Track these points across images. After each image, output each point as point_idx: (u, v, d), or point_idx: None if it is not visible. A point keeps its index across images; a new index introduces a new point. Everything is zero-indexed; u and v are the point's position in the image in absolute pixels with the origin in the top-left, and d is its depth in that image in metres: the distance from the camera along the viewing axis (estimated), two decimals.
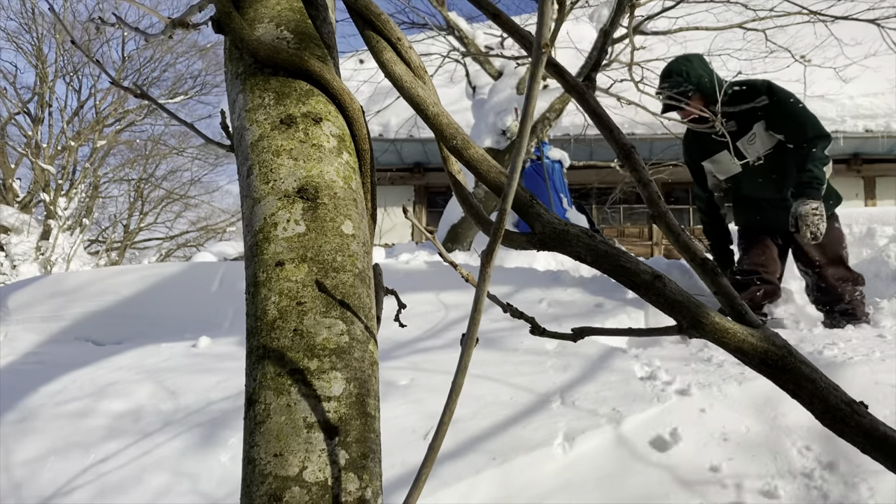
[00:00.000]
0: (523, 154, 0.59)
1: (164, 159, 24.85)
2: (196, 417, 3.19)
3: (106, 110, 23.13)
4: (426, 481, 0.61)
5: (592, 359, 3.05)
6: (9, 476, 3.05)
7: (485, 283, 0.62)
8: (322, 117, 0.94)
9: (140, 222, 24.46)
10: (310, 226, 0.86)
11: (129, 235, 23.60)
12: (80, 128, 22.62)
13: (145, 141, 24.26)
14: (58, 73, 22.63)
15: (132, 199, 24.29)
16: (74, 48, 21.52)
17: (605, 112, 0.83)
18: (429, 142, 10.85)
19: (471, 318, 0.62)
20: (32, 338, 4.49)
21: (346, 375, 0.79)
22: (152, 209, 25.00)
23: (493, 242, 0.61)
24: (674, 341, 3.57)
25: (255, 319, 0.83)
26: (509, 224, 1.43)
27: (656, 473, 2.51)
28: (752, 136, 3.90)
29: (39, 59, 22.33)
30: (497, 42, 8.96)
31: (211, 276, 4.96)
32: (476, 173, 0.85)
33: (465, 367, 0.62)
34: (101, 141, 22.09)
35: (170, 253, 23.89)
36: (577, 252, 0.76)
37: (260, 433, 0.76)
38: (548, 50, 0.59)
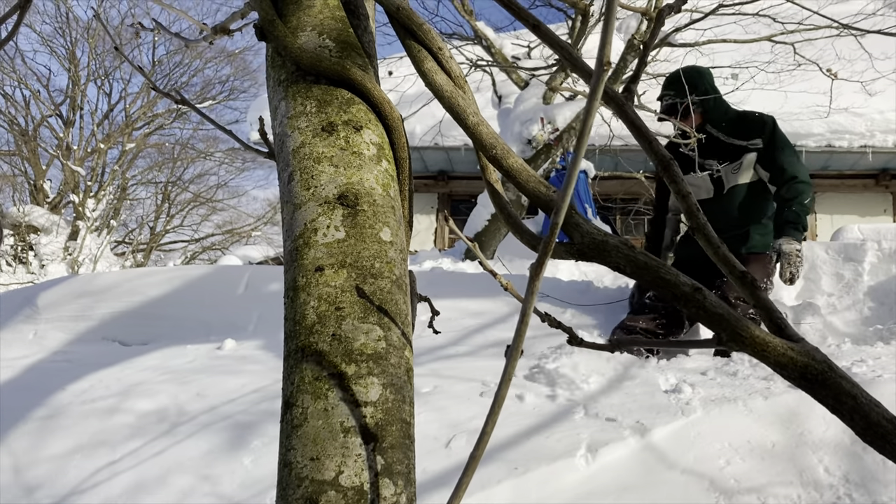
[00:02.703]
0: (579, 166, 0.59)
1: (191, 163, 25.11)
2: (220, 419, 3.21)
3: (135, 114, 23.43)
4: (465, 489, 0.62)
5: (617, 370, 3.03)
6: (37, 472, 3.09)
7: (532, 296, 0.62)
8: (363, 125, 0.95)
9: (166, 225, 24.72)
10: (349, 232, 0.87)
11: (155, 237, 23.85)
12: (110, 130, 22.92)
13: (173, 144, 24.54)
14: (90, 76, 22.97)
15: (159, 202, 24.57)
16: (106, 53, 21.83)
17: (643, 123, 0.83)
18: (453, 150, 10.87)
19: (517, 329, 0.62)
20: (61, 336, 4.55)
21: (382, 381, 0.80)
22: (179, 212, 25.26)
23: (543, 255, 0.61)
24: (700, 353, 3.54)
25: (294, 323, 0.84)
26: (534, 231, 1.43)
27: (680, 487, 2.49)
28: (737, 166, 3.81)
29: (72, 62, 22.68)
30: (524, 52, 8.97)
31: (237, 279, 5.00)
32: (515, 183, 0.86)
33: (510, 378, 0.62)
34: (130, 144, 22.37)
35: (195, 256, 24.11)
36: (617, 263, 0.76)
37: (297, 437, 0.77)
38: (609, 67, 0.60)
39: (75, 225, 18.28)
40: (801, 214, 3.56)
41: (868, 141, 10.43)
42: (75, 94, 22.60)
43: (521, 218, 5.60)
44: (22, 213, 17.36)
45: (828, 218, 11.13)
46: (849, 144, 10.27)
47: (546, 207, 0.84)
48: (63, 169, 20.94)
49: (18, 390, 3.89)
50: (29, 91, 22.46)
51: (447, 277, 5.25)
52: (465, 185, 11.82)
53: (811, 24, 7.55)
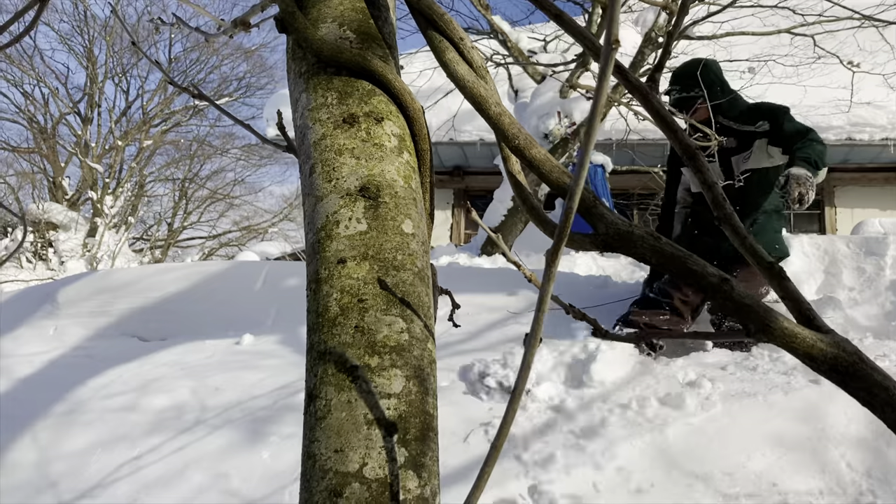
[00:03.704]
0: (590, 152, 0.59)
1: (208, 159, 25.22)
2: (238, 414, 3.23)
3: (153, 111, 23.57)
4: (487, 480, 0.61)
5: (636, 364, 3.02)
6: (58, 466, 3.12)
7: (549, 283, 0.61)
8: (384, 117, 0.95)
9: (184, 221, 24.85)
10: (371, 224, 0.86)
11: (172, 234, 23.99)
12: (128, 128, 23.08)
13: (190, 141, 24.66)
14: (107, 74, 23.13)
15: (176, 199, 24.70)
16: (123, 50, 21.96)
17: (668, 113, 0.82)
18: (468, 145, 10.84)
19: (535, 317, 0.62)
20: (81, 332, 4.58)
21: (405, 373, 0.80)
22: (196, 208, 25.39)
23: (558, 242, 0.61)
24: (721, 348, 3.52)
25: (317, 315, 0.84)
26: None
27: (699, 482, 2.47)
28: (748, 154, 3.72)
29: (90, 60, 22.84)
30: (540, 46, 8.93)
31: (254, 275, 5.02)
32: (538, 173, 0.85)
33: (529, 367, 0.62)
34: (147, 141, 22.51)
35: (212, 252, 24.23)
36: (643, 253, 0.76)
37: (320, 429, 0.77)
38: (618, 46, 0.59)
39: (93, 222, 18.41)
40: (812, 154, 3.41)
41: (889, 133, 10.30)
42: (93, 91, 22.76)
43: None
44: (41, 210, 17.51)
45: (848, 212, 11.01)
46: (870, 137, 10.14)
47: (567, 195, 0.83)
48: (81, 166, 21.11)
49: (39, 385, 3.92)
50: (48, 89, 22.68)
51: (464, 272, 5.24)
52: (480, 181, 11.79)
53: (832, 15, 7.45)
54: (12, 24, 1.22)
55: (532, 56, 8.25)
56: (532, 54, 8.38)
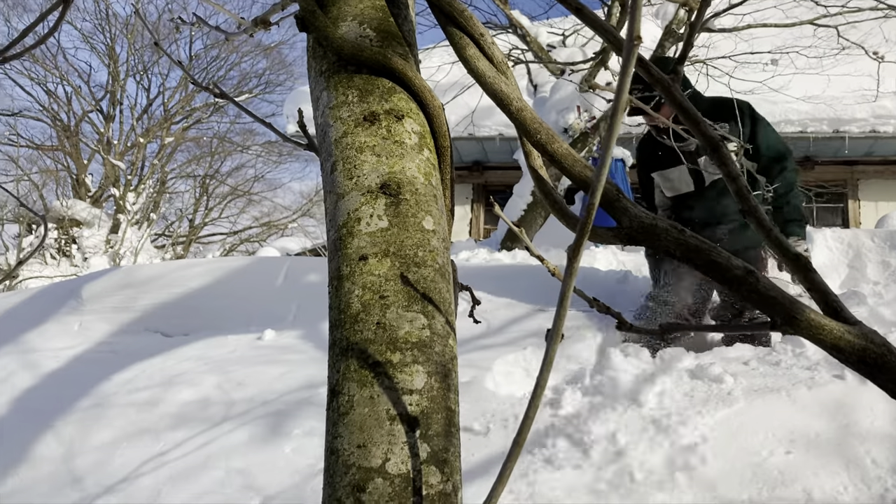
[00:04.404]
0: (613, 145, 0.59)
1: (228, 156, 25.41)
2: (261, 409, 3.25)
3: (174, 108, 23.77)
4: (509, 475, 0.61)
5: (663, 358, 3.00)
6: (84, 460, 3.16)
7: (571, 278, 0.61)
8: (404, 114, 0.95)
9: (205, 217, 25.06)
10: (392, 221, 0.87)
11: (194, 230, 24.20)
12: (149, 125, 23.30)
13: (211, 138, 24.84)
14: (129, 71, 23.35)
15: (198, 195, 24.90)
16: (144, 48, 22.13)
17: (691, 105, 0.82)
18: (487, 140, 10.83)
19: (557, 312, 0.62)
20: (105, 328, 4.63)
21: (427, 369, 0.80)
22: (217, 205, 25.59)
23: (580, 237, 0.61)
24: (743, 342, 3.49)
25: (339, 312, 0.85)
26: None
27: (722, 477, 2.46)
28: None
29: (112, 58, 23.07)
30: (559, 40, 8.90)
31: (276, 270, 5.05)
32: (560, 168, 0.85)
33: (551, 362, 0.62)
34: (168, 138, 22.70)
35: (233, 248, 24.40)
36: (667, 246, 0.75)
37: (343, 424, 0.78)
38: (639, 43, 0.59)
39: (116, 218, 18.62)
40: (799, 207, 3.39)
41: None
42: (115, 89, 22.99)
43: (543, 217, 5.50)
44: (65, 206, 17.73)
45: (872, 205, 10.87)
46: (894, 129, 10.00)
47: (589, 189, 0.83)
48: (104, 163, 21.34)
49: (65, 380, 3.98)
50: (71, 87, 22.94)
51: (483, 268, 5.24)
52: (499, 176, 11.77)
53: (856, 6, 7.35)
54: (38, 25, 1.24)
55: (551, 51, 8.21)
56: (551, 49, 8.35)
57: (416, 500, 0.72)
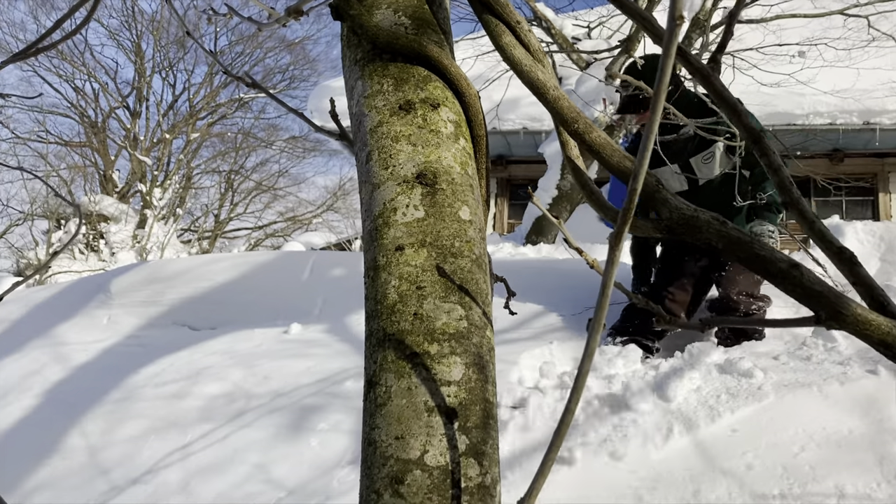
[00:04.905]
0: (654, 134, 0.57)
1: (253, 151, 25.54)
2: (287, 402, 3.26)
3: (199, 104, 23.95)
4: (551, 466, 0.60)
5: (690, 353, 2.97)
6: (112, 452, 3.19)
7: (613, 268, 0.60)
8: (440, 103, 0.94)
9: (230, 212, 25.24)
10: (428, 211, 0.86)
11: (219, 225, 24.39)
12: (175, 121, 23.49)
13: (236, 134, 24.99)
14: (154, 68, 23.55)
15: (223, 190, 25.08)
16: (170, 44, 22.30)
17: (731, 95, 0.80)
18: (511, 134, 10.77)
19: (598, 303, 0.61)
20: (133, 321, 4.68)
21: (465, 360, 0.79)
22: (242, 200, 25.76)
23: (621, 226, 0.60)
24: (774, 337, 3.45)
25: (375, 303, 0.84)
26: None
27: (752, 473, 2.43)
28: (708, 155, 3.53)
29: (138, 55, 23.28)
30: (584, 32, 8.84)
31: (301, 264, 5.07)
32: (599, 158, 0.84)
33: (592, 354, 0.61)
34: (194, 134, 22.89)
35: (258, 242, 24.57)
36: (708, 238, 0.74)
37: (381, 415, 0.77)
38: (682, 22, 0.57)
39: (143, 213, 18.82)
40: (775, 195, 3.32)
41: None
42: (141, 85, 23.21)
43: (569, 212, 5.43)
44: (93, 202, 17.95)
45: None
46: None
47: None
48: (131, 159, 21.56)
49: (94, 373, 4.02)
50: (98, 84, 23.18)
51: (508, 262, 5.22)
52: (523, 169, 11.72)
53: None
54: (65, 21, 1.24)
55: (576, 43, 8.16)
56: (576, 41, 8.30)
57: (455, 492, 0.72)
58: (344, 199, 26.01)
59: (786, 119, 9.42)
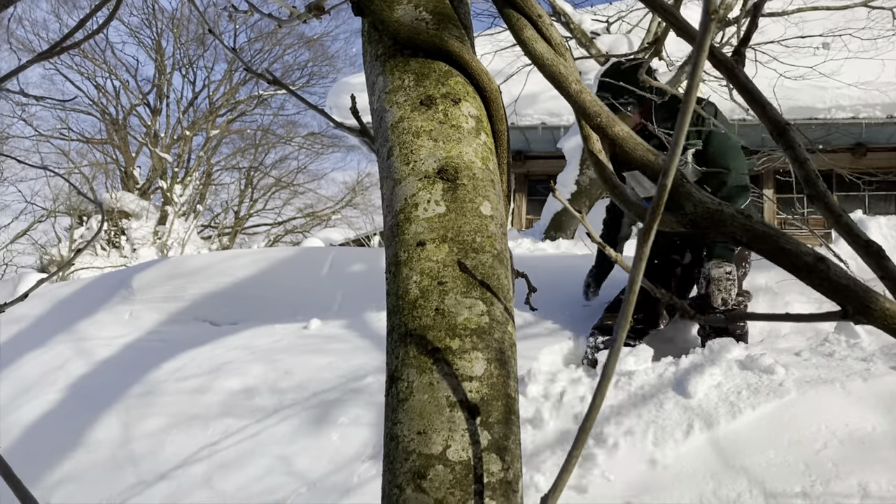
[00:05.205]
0: (686, 129, 0.57)
1: (272, 148, 25.67)
2: (308, 397, 3.28)
3: (218, 101, 24.09)
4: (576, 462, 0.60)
5: (711, 349, 2.95)
6: (137, 446, 3.22)
7: (641, 264, 0.60)
8: (461, 98, 0.94)
9: (250, 209, 25.39)
10: (450, 206, 0.86)
11: (239, 221, 24.55)
12: (195, 118, 23.65)
13: (255, 130, 25.13)
14: (174, 65, 23.71)
15: (242, 187, 25.23)
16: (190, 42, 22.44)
17: (756, 88, 0.79)
18: (529, 129, 10.74)
19: (626, 298, 0.60)
20: (155, 317, 4.72)
21: (486, 356, 0.79)
22: (262, 196, 25.91)
23: (651, 221, 0.59)
24: (795, 333, 3.42)
25: (397, 298, 0.84)
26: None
27: (773, 469, 2.41)
28: (682, 161, 3.42)
29: (158, 52, 23.45)
30: (602, 27, 8.79)
31: (321, 260, 5.09)
32: (621, 151, 0.83)
33: (619, 350, 0.61)
34: (213, 130, 23.04)
35: (278, 238, 24.70)
36: (732, 233, 0.73)
37: (403, 410, 0.77)
38: (716, 17, 0.57)
39: (164, 210, 18.98)
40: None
41: None
42: (161, 83, 23.39)
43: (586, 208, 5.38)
44: (114, 198, 18.12)
45: None
46: None
47: (655, 176, 0.81)
48: (151, 156, 21.76)
49: (117, 368, 4.07)
50: (119, 81, 23.39)
51: (527, 258, 5.22)
52: (541, 165, 11.70)
53: None
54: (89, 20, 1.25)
55: (595, 38, 8.12)
56: (595, 36, 8.25)
57: (478, 487, 0.72)
58: (362, 195, 26.11)
59: (808, 113, 9.34)
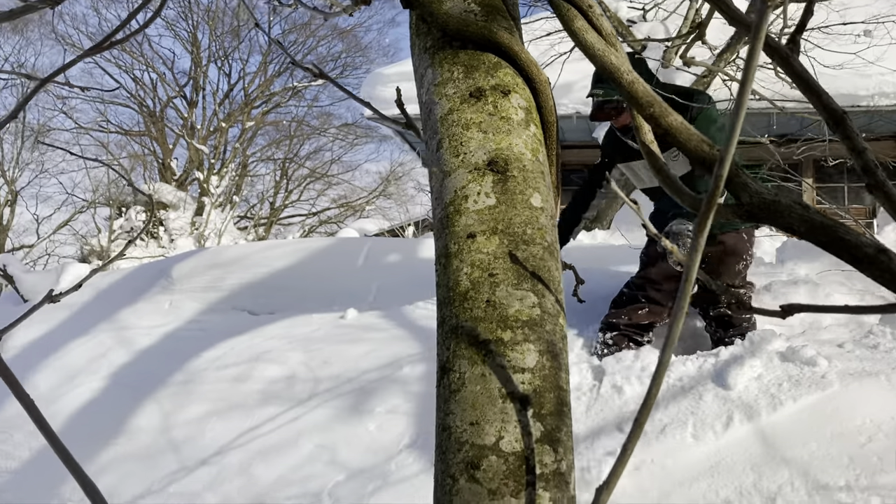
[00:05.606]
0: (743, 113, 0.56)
1: (307, 139, 25.83)
2: (345, 386, 3.31)
3: (254, 93, 24.28)
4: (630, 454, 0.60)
5: (752, 340, 2.92)
6: (178, 433, 3.28)
7: (697, 255, 0.59)
8: (510, 89, 0.94)
9: (285, 199, 25.61)
10: (500, 198, 0.86)
11: (274, 212, 24.77)
12: (231, 110, 23.88)
13: (290, 122, 25.30)
14: (210, 58, 23.95)
15: (278, 178, 25.44)
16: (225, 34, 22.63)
17: (811, 76, 0.78)
18: (564, 119, 10.65)
19: (682, 289, 0.60)
20: (194, 306, 4.78)
21: (538, 348, 0.79)
22: (296, 187, 26.11)
23: (706, 212, 0.58)
24: (838, 324, 3.36)
25: (447, 290, 0.84)
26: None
27: (816, 462, 2.38)
28: (675, 152, 3.35)
29: (194, 45, 23.69)
30: (639, 15, 8.69)
31: (356, 251, 5.12)
32: (676, 142, 0.82)
33: (675, 340, 0.60)
34: (249, 122, 23.24)
35: (312, 229, 24.88)
36: (789, 223, 0.72)
37: (455, 401, 0.78)
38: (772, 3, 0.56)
39: (200, 201, 19.21)
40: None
41: None
42: (197, 75, 23.63)
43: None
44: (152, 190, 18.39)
45: None
46: None
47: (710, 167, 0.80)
48: (188, 147, 22.02)
49: (157, 356, 4.13)
50: (156, 74, 23.69)
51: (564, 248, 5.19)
52: (576, 155, 11.61)
53: None
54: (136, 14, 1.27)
55: (631, 26, 8.03)
56: (631, 24, 8.16)
57: (531, 478, 0.72)
58: (396, 186, 26.18)
59: (849, 101, 9.13)
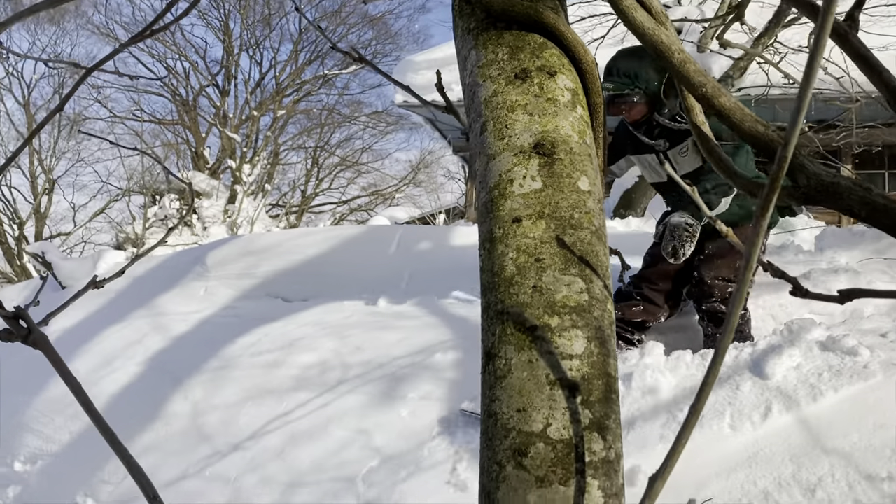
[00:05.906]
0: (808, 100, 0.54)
1: (337, 128, 25.91)
2: (378, 372, 3.32)
3: (285, 81, 24.39)
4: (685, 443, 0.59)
5: (791, 329, 2.87)
6: (212, 417, 3.32)
7: (758, 238, 0.57)
8: (556, 70, 0.92)
9: (316, 188, 25.75)
10: (546, 182, 0.84)
11: (306, 200, 24.93)
12: (262, 98, 24.02)
13: (321, 110, 25.38)
14: (242, 46, 24.09)
15: (309, 166, 25.58)
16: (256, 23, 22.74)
17: (871, 54, 0.75)
18: None
19: (741, 276, 0.58)
20: (229, 293, 4.83)
21: (586, 334, 0.78)
22: (327, 175, 26.23)
23: (769, 195, 0.56)
24: (880, 314, 3.30)
25: (492, 275, 0.83)
26: None
27: (858, 453, 2.34)
28: (684, 148, 3.31)
29: (226, 34, 23.85)
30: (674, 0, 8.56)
31: (388, 238, 5.12)
32: (729, 123, 0.80)
33: (733, 329, 0.59)
34: (280, 111, 23.37)
35: (343, 217, 25.00)
36: (849, 206, 0.70)
37: (501, 388, 0.76)
38: None
39: (233, 189, 19.39)
40: (712, 201, 3.09)
41: None
42: (229, 64, 23.80)
43: None
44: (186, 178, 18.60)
45: None
46: None
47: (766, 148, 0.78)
48: (221, 136, 22.21)
49: (193, 342, 4.18)
50: (188, 63, 23.90)
51: None
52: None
53: None
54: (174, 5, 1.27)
55: (667, 9, 7.91)
56: (667, 7, 8.04)
57: (579, 466, 0.71)
58: (426, 174, 26.19)
59: None
